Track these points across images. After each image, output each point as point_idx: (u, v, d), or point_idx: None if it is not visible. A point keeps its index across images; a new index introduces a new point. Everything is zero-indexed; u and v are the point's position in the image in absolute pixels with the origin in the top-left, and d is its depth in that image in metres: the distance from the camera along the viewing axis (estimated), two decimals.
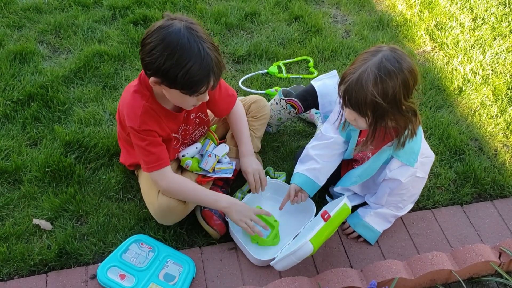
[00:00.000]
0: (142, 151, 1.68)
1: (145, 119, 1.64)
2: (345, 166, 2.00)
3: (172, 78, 1.50)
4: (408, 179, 1.77)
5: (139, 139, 1.66)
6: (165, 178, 1.71)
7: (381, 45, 1.60)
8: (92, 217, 1.87)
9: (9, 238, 1.78)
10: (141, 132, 1.65)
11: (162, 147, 1.71)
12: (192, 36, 1.48)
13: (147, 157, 1.68)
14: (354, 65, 1.59)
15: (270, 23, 2.90)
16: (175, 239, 1.84)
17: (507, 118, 2.45)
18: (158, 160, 1.69)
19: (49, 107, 2.25)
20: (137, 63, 2.52)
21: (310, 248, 1.58)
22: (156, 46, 1.47)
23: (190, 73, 1.48)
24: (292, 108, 2.11)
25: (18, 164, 2.00)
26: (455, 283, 1.81)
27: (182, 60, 1.47)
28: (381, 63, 1.53)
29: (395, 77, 1.52)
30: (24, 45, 2.53)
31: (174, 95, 1.58)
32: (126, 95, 1.69)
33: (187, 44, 1.47)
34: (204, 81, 1.52)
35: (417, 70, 1.58)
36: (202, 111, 1.88)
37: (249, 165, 1.89)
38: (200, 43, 1.48)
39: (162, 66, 1.47)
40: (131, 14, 2.81)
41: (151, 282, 1.69)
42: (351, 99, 1.58)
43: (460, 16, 3.07)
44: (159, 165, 1.69)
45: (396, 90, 1.53)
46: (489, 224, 2.02)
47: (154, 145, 1.68)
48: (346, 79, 1.58)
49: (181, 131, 1.84)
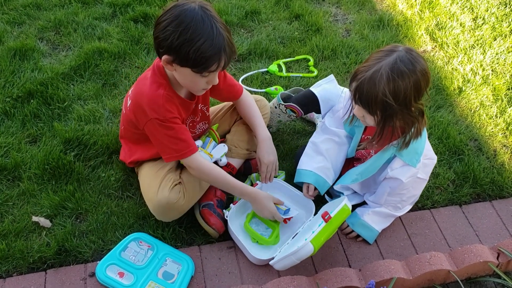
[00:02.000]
0: (171, 140, 1.68)
1: (169, 107, 1.65)
2: (347, 164, 2.00)
3: (184, 54, 1.52)
4: (409, 179, 1.77)
5: (165, 128, 1.66)
6: (197, 162, 1.73)
7: (396, 45, 1.60)
8: (91, 215, 1.87)
9: (8, 235, 1.78)
10: (167, 121, 1.65)
11: (188, 133, 1.73)
12: (205, 15, 1.51)
13: (176, 145, 1.69)
14: (368, 63, 1.59)
15: (270, 21, 2.90)
16: (174, 237, 1.84)
17: (506, 119, 2.45)
18: (189, 146, 1.70)
19: (49, 104, 2.25)
20: (137, 60, 2.52)
21: (311, 249, 1.58)
22: (171, 22, 1.50)
23: (202, 49, 1.50)
24: (292, 112, 2.10)
25: (17, 161, 2.00)
26: (453, 283, 1.81)
27: (194, 36, 1.49)
28: (395, 63, 1.53)
29: (408, 79, 1.53)
30: (24, 42, 2.53)
31: (185, 75, 1.59)
32: (143, 87, 1.68)
33: (200, 21, 1.50)
34: (215, 58, 1.54)
35: (429, 73, 1.59)
36: (205, 103, 1.89)
37: (266, 154, 1.90)
38: (214, 22, 1.52)
39: (176, 41, 1.50)
40: (132, 11, 2.80)
41: (149, 280, 1.69)
42: (362, 97, 1.59)
43: (460, 16, 3.06)
44: (190, 151, 1.70)
45: (407, 92, 1.54)
46: (487, 225, 2.02)
47: (182, 132, 1.69)
48: (359, 76, 1.58)
49: (189, 123, 1.85)
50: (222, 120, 2.05)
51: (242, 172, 2.07)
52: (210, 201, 1.87)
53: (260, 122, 1.95)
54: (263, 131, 1.93)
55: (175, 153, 1.70)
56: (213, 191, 1.90)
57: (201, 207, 1.85)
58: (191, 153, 1.71)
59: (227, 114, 2.06)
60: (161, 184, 1.76)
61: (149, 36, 2.66)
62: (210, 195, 1.89)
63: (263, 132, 1.93)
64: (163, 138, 1.68)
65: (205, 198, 1.88)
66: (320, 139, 1.93)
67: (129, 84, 2.39)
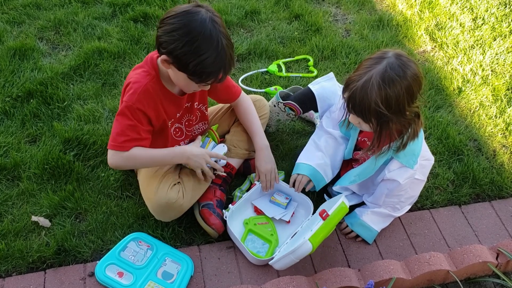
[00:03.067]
0: (120, 127, 1.62)
1: (142, 99, 1.62)
2: (345, 165, 2.01)
3: (184, 63, 1.52)
4: (406, 180, 1.78)
5: (125, 117, 1.61)
6: (117, 158, 1.64)
7: (386, 51, 1.59)
8: (91, 215, 1.87)
9: (7, 235, 1.78)
10: (132, 110, 1.61)
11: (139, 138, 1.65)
12: (214, 29, 1.50)
13: (118, 135, 1.62)
14: (358, 72, 1.59)
15: (270, 21, 2.90)
16: (173, 237, 1.85)
17: (506, 119, 2.45)
18: (124, 143, 1.62)
19: (48, 104, 2.25)
20: (137, 60, 2.52)
21: (309, 247, 1.59)
22: (179, 28, 1.49)
23: (203, 64, 1.50)
24: (291, 110, 2.10)
25: (17, 160, 2.00)
26: (453, 283, 1.81)
27: (199, 50, 1.49)
28: (385, 72, 1.53)
29: (399, 85, 1.53)
30: (23, 42, 2.53)
31: (179, 77, 1.59)
32: (132, 74, 1.68)
33: (208, 36, 1.49)
34: (214, 74, 1.55)
35: (421, 76, 1.59)
36: (204, 102, 1.89)
37: (263, 163, 1.90)
38: (220, 38, 1.51)
39: (180, 49, 1.49)
40: (131, 11, 2.80)
41: (149, 280, 1.69)
42: (355, 107, 1.59)
43: (460, 16, 3.06)
44: (121, 147, 1.63)
45: (400, 98, 1.54)
46: (487, 225, 2.02)
47: (134, 131, 1.63)
48: (351, 86, 1.58)
49: (185, 121, 1.84)
50: (221, 121, 2.05)
51: (242, 172, 2.07)
52: (209, 201, 1.87)
53: (258, 130, 1.94)
54: (261, 140, 1.92)
55: (110, 140, 1.64)
56: (213, 191, 1.90)
57: (201, 207, 1.85)
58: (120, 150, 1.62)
59: (226, 114, 2.06)
60: (160, 184, 1.76)
61: (149, 36, 2.66)
62: (210, 195, 1.89)
63: (261, 141, 1.92)
64: (117, 122, 1.63)
65: (204, 198, 1.88)
66: (320, 138, 1.94)
67: None
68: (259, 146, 1.92)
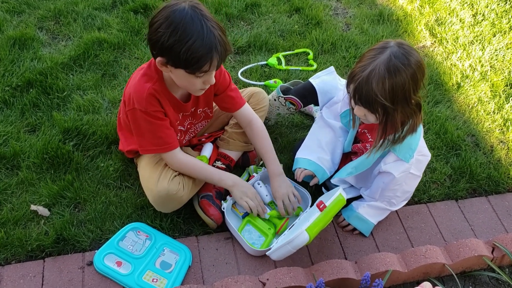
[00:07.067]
0: (150, 134, 1.70)
1: (151, 101, 1.65)
2: (344, 158, 2.01)
3: (175, 55, 1.51)
4: (401, 174, 1.78)
5: (146, 122, 1.67)
6: (176, 159, 1.76)
7: (387, 41, 1.60)
8: (90, 204, 1.88)
9: (6, 224, 1.79)
10: (148, 114, 1.66)
11: (169, 131, 1.73)
12: (196, 14, 1.50)
13: (155, 140, 1.71)
14: (362, 63, 1.59)
15: (270, 14, 2.90)
16: (172, 227, 1.86)
17: (504, 115, 2.46)
18: (167, 143, 1.72)
19: (48, 93, 2.25)
20: (137, 51, 2.52)
21: (306, 238, 1.60)
22: (162, 23, 1.50)
23: (192, 49, 1.49)
24: (292, 104, 2.11)
25: (16, 150, 2.00)
26: (448, 276, 1.83)
27: (184, 36, 1.48)
28: (390, 61, 1.54)
29: (405, 73, 1.54)
30: (23, 31, 2.52)
31: (180, 76, 1.60)
32: (134, 77, 1.71)
33: (190, 21, 1.49)
34: (206, 57, 1.53)
35: (424, 63, 1.60)
36: (209, 106, 1.89)
37: (279, 188, 1.87)
38: (204, 21, 1.50)
39: (166, 42, 1.50)
40: (131, 2, 2.79)
41: (147, 270, 1.71)
42: (362, 98, 1.59)
43: (460, 12, 3.07)
44: (168, 148, 1.73)
45: (406, 86, 1.55)
46: (483, 219, 2.04)
47: (162, 130, 1.70)
48: (356, 77, 1.59)
49: (187, 124, 1.86)
50: (221, 113, 2.06)
51: (240, 164, 2.08)
52: (209, 192, 1.88)
53: (273, 157, 1.91)
54: (276, 167, 1.90)
55: (152, 147, 1.72)
56: None
57: (200, 197, 1.86)
58: (169, 150, 1.73)
59: None
60: (161, 176, 1.76)
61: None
62: (209, 186, 1.90)
63: (276, 168, 1.90)
64: (144, 130, 1.70)
65: (204, 189, 1.89)
66: (319, 131, 1.94)
67: (128, 75, 2.39)
68: (273, 173, 1.90)
